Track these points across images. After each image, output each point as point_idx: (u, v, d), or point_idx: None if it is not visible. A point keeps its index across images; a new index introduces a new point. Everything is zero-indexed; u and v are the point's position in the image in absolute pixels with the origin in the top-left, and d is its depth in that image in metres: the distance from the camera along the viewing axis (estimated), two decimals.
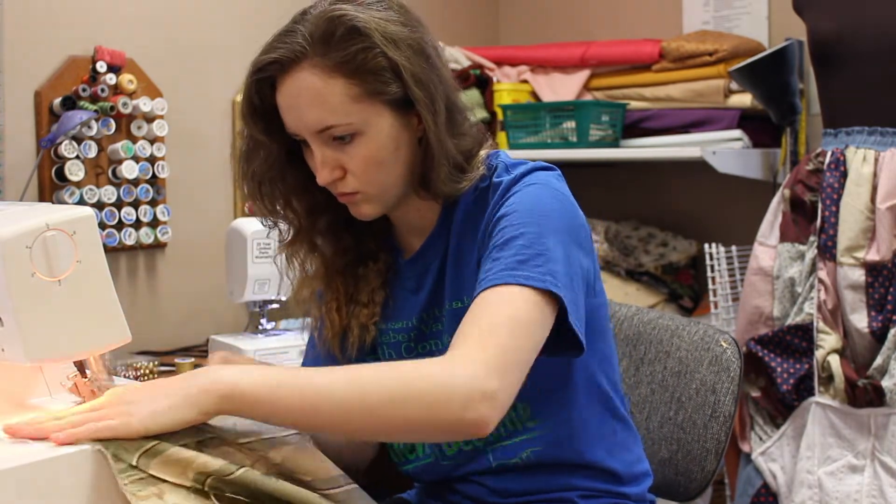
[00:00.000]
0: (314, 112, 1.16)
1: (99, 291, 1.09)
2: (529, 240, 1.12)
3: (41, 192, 2.15)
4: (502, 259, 1.11)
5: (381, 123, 1.18)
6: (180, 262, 2.41)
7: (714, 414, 1.50)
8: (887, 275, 2.03)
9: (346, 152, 1.18)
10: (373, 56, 1.15)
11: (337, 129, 1.17)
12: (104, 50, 2.20)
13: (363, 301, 1.32)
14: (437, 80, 1.19)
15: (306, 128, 1.18)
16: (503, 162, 1.27)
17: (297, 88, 1.17)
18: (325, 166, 1.19)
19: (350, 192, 1.21)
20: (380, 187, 1.21)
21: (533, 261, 1.10)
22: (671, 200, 2.89)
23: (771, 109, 2.42)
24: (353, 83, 1.15)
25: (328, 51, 1.15)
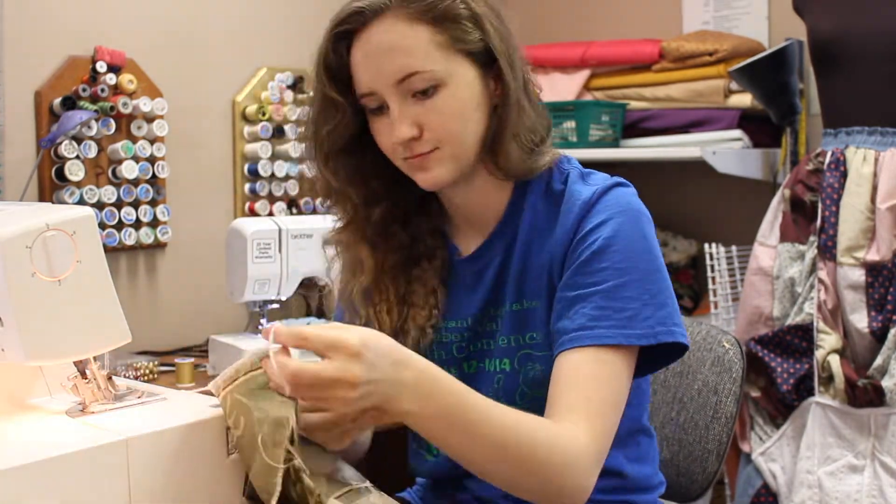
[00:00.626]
0: (398, 59, 1.14)
1: (99, 291, 1.09)
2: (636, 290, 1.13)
3: (41, 192, 2.15)
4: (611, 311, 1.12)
5: (464, 75, 1.16)
6: (180, 262, 2.41)
7: (716, 415, 1.50)
8: (887, 275, 2.03)
9: (426, 106, 1.15)
10: (455, 5, 1.15)
11: (420, 77, 1.14)
12: (104, 50, 2.20)
13: (419, 303, 1.28)
14: (515, 44, 1.20)
15: (387, 77, 1.14)
16: (576, 169, 1.25)
17: (380, 36, 1.14)
18: (403, 121, 1.15)
19: (427, 151, 1.17)
20: (458, 144, 1.17)
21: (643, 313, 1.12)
22: (671, 200, 2.89)
23: (771, 109, 2.42)
24: (436, 30, 1.14)
25: (411, 1, 1.14)
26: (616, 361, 1.11)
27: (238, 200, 2.53)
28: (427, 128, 1.16)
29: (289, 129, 2.53)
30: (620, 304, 1.12)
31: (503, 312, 1.25)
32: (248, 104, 2.51)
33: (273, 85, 2.53)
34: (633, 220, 1.17)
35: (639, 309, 1.12)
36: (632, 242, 1.15)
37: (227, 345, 1.97)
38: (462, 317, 1.28)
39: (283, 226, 2.01)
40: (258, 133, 2.49)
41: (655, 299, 1.13)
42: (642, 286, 1.13)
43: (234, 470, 1.06)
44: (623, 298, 1.12)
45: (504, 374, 1.24)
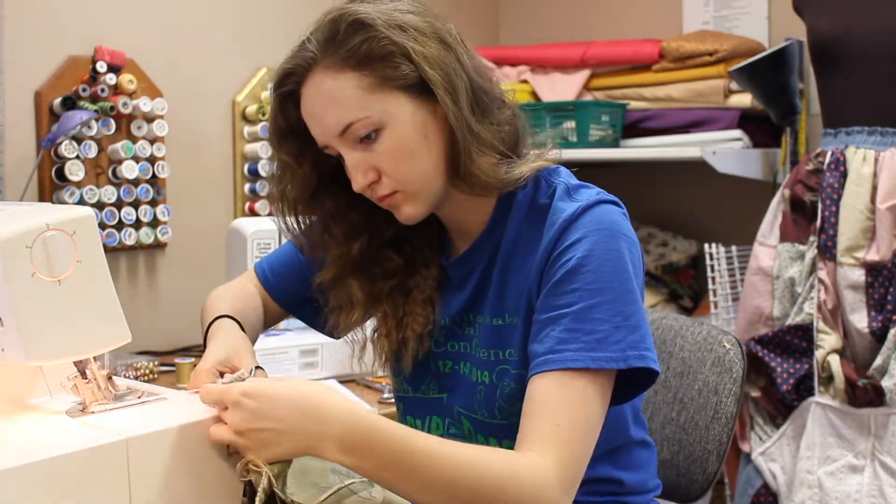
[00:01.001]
0: (332, 113, 1.14)
1: (99, 291, 1.09)
2: (607, 312, 1.10)
3: (41, 192, 2.15)
4: (580, 333, 1.09)
5: (402, 112, 1.14)
6: (180, 262, 2.41)
7: (716, 415, 1.50)
8: (887, 275, 2.03)
9: (375, 150, 1.15)
10: (378, 43, 1.12)
11: (358, 126, 1.14)
12: (104, 50, 2.20)
13: (417, 311, 1.28)
14: (454, 60, 1.15)
15: (330, 132, 1.15)
16: (564, 183, 1.22)
17: (313, 94, 1.16)
18: (358, 170, 1.16)
19: (389, 193, 1.17)
20: (416, 182, 1.17)
21: (613, 336, 1.09)
22: (671, 200, 2.89)
23: (771, 109, 2.42)
24: (363, 74, 1.13)
25: (335, 49, 1.14)
26: (586, 386, 1.08)
27: (238, 200, 2.53)
28: (382, 171, 1.16)
29: None
30: (590, 325, 1.09)
31: (482, 322, 1.24)
32: (248, 104, 2.51)
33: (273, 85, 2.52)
34: (609, 238, 1.13)
35: (609, 331, 1.09)
36: (605, 262, 1.11)
37: None
38: (445, 314, 1.29)
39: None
40: (258, 133, 2.49)
41: (628, 322, 1.10)
42: (614, 308, 1.10)
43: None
44: (593, 320, 1.09)
45: (485, 386, 1.24)
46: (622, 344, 1.09)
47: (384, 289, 1.29)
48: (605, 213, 1.16)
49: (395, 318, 1.29)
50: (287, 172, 1.23)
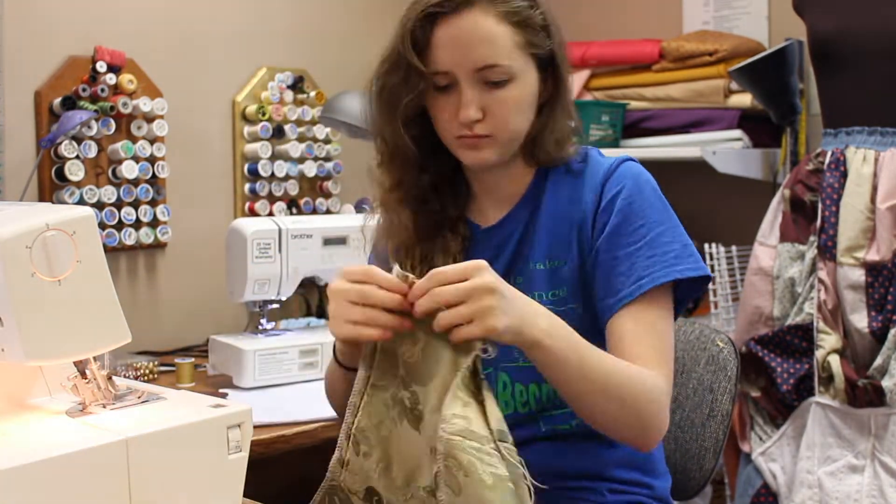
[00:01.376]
0: (483, 49, 1.26)
1: (99, 291, 1.09)
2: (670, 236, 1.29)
3: (41, 192, 2.15)
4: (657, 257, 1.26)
5: (531, 74, 1.30)
6: (180, 262, 2.41)
7: (712, 413, 1.51)
8: (887, 275, 2.03)
9: (494, 96, 1.27)
10: (536, 13, 1.29)
11: (497, 70, 1.26)
12: (104, 50, 2.20)
13: None
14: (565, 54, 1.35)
15: (469, 63, 1.26)
16: (596, 150, 1.40)
17: (469, 26, 1.26)
18: (471, 105, 1.27)
19: (484, 135, 1.29)
20: (512, 133, 1.31)
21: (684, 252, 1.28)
22: (671, 200, 2.87)
23: (771, 109, 2.42)
24: (517, 32, 1.27)
25: (497, 1, 1.26)
26: (667, 301, 1.27)
27: (238, 200, 2.53)
28: (490, 115, 1.28)
29: (289, 129, 2.53)
30: (663, 248, 1.27)
31: (529, 270, 1.34)
32: (248, 104, 2.52)
33: (273, 85, 2.53)
34: (646, 183, 1.33)
35: (680, 249, 1.28)
36: (654, 200, 1.32)
37: (227, 345, 1.97)
38: None
39: (283, 226, 2.01)
40: (258, 133, 2.49)
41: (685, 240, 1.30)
42: (674, 232, 1.29)
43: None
44: (664, 244, 1.27)
45: None
46: (693, 258, 1.28)
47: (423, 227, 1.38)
48: (634, 166, 1.35)
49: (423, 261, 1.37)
50: (416, 81, 1.29)
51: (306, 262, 2.03)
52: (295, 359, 1.98)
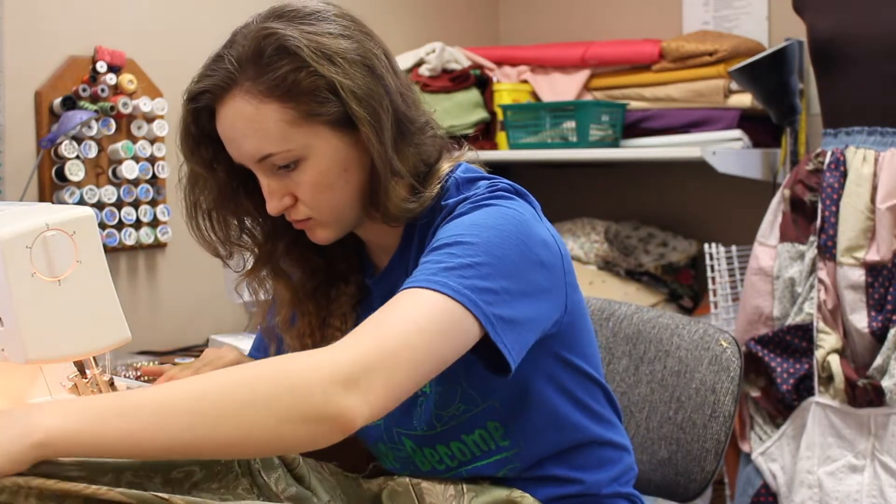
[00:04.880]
0: (251, 141, 1.11)
1: (99, 291, 1.09)
2: (463, 249, 1.04)
3: (41, 192, 2.15)
4: (428, 264, 1.04)
5: (324, 146, 1.12)
6: (180, 262, 2.41)
7: (714, 414, 1.50)
8: (887, 275, 2.03)
9: (293, 179, 1.13)
10: (305, 75, 1.08)
11: (277, 158, 1.11)
12: (104, 50, 2.20)
13: (336, 325, 1.27)
14: (381, 92, 1.12)
15: (247, 158, 1.13)
16: (456, 179, 1.18)
17: (231, 117, 1.12)
18: (273, 196, 1.14)
19: (303, 219, 1.16)
20: (332, 212, 1.16)
21: (459, 270, 1.01)
22: (671, 200, 2.89)
23: (771, 109, 2.42)
24: (287, 107, 1.09)
25: (258, 74, 1.10)
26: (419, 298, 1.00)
27: None
28: (299, 199, 1.14)
29: None
30: (439, 257, 1.04)
31: None
32: None
33: None
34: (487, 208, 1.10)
35: (456, 266, 1.02)
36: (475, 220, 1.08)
37: (227, 345, 1.97)
38: None
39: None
40: None
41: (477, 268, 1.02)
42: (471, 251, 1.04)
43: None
44: (444, 254, 1.04)
45: (425, 397, 1.21)
46: (465, 282, 1.01)
47: (308, 286, 1.27)
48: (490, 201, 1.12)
49: (319, 321, 1.27)
50: (200, 181, 1.19)
51: None
52: None
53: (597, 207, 2.89)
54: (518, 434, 1.22)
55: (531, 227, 1.11)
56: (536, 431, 1.22)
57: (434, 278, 1.01)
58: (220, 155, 1.18)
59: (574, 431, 1.25)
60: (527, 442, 1.22)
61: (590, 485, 1.26)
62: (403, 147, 1.14)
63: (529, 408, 1.21)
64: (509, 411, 1.20)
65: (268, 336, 1.34)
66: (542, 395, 1.21)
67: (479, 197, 1.13)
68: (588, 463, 1.26)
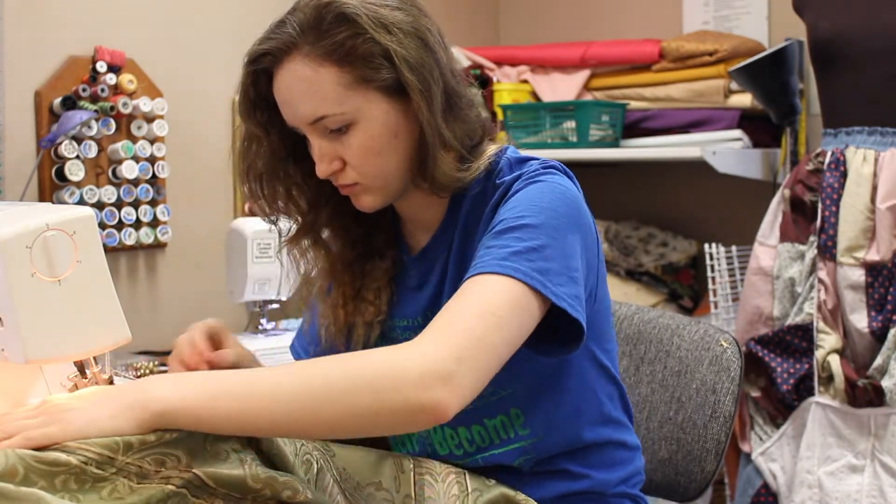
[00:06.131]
0: (307, 103, 1.14)
1: (99, 291, 1.09)
2: (527, 233, 1.07)
3: (41, 192, 2.15)
4: (494, 248, 1.07)
5: (376, 111, 1.15)
6: (180, 262, 2.41)
7: (714, 414, 1.50)
8: (887, 275, 2.03)
9: (343, 143, 1.16)
10: (362, 42, 1.12)
11: (331, 120, 1.14)
12: (104, 50, 2.20)
13: (369, 298, 1.29)
14: (433, 64, 1.15)
15: (301, 120, 1.16)
16: (508, 159, 1.23)
17: (289, 80, 1.15)
18: (324, 159, 1.17)
19: (350, 184, 1.19)
20: (379, 177, 1.18)
21: (526, 254, 1.05)
22: (671, 200, 2.89)
23: (771, 109, 2.42)
24: (344, 71, 1.13)
25: (318, 39, 1.13)
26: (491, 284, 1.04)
27: (238, 200, 2.53)
28: (347, 162, 1.17)
29: None
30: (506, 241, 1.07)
31: None
32: None
33: None
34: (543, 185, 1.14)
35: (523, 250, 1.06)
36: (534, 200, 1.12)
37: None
38: (413, 315, 1.28)
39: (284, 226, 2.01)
40: None
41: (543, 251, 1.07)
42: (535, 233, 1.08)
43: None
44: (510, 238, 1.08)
45: None
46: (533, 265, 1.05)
47: (346, 257, 1.29)
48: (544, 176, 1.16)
49: (353, 291, 1.29)
50: (255, 143, 1.23)
51: None
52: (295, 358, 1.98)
53: (597, 207, 2.85)
54: (538, 424, 1.23)
55: (581, 207, 1.16)
56: (556, 424, 1.24)
57: (505, 263, 1.05)
58: (273, 119, 1.21)
59: (590, 430, 1.26)
60: (546, 432, 1.24)
61: (599, 482, 1.27)
62: (451, 119, 1.18)
63: (552, 398, 1.23)
64: (533, 399, 1.23)
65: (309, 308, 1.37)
66: (567, 387, 1.23)
67: (533, 172, 1.17)
68: (601, 462, 1.28)
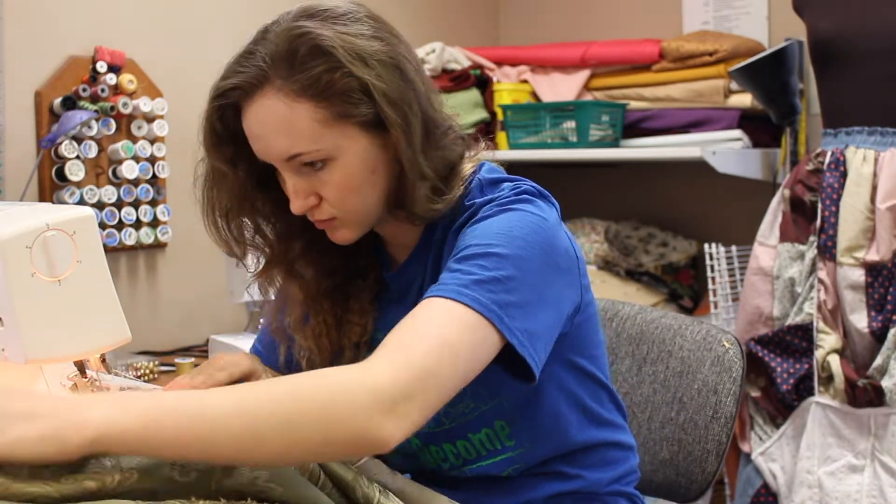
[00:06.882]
0: (281, 140, 1.10)
1: (99, 291, 1.09)
2: (493, 262, 1.04)
3: (41, 192, 2.15)
4: (458, 273, 1.04)
5: (354, 147, 1.11)
6: (180, 262, 2.41)
7: (715, 415, 1.50)
8: (887, 275, 2.03)
9: (319, 178, 1.12)
10: (340, 76, 1.07)
11: (306, 157, 1.10)
12: (104, 50, 2.20)
13: (354, 320, 1.27)
14: (412, 95, 1.12)
15: (275, 156, 1.12)
16: (480, 180, 1.19)
17: (262, 115, 1.10)
18: (298, 195, 1.13)
19: (327, 219, 1.16)
20: (356, 212, 1.15)
21: (489, 284, 1.02)
22: (671, 200, 2.89)
23: (771, 109, 2.42)
24: (320, 106, 1.08)
25: (291, 73, 1.08)
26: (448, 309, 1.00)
27: None
28: (324, 198, 1.14)
29: None
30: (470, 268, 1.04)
31: None
32: None
33: None
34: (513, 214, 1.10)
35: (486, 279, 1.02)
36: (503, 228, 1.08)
37: (227, 345, 1.97)
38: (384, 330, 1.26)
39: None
40: None
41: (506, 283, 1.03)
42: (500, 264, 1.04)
43: None
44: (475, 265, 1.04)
45: None
46: (493, 297, 1.01)
47: (323, 286, 1.26)
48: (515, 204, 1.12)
49: (335, 318, 1.27)
50: (219, 179, 1.19)
51: None
52: None
53: (597, 207, 2.89)
54: (524, 435, 1.23)
55: (554, 234, 1.11)
56: (542, 433, 1.23)
57: (465, 291, 1.01)
58: (241, 153, 1.17)
59: (578, 434, 1.25)
60: (532, 443, 1.23)
61: (591, 482, 1.27)
62: (430, 150, 1.14)
63: (536, 410, 1.22)
64: (517, 411, 1.21)
65: (279, 336, 1.32)
66: (549, 397, 1.22)
67: (505, 199, 1.13)
68: (593, 462, 1.27)
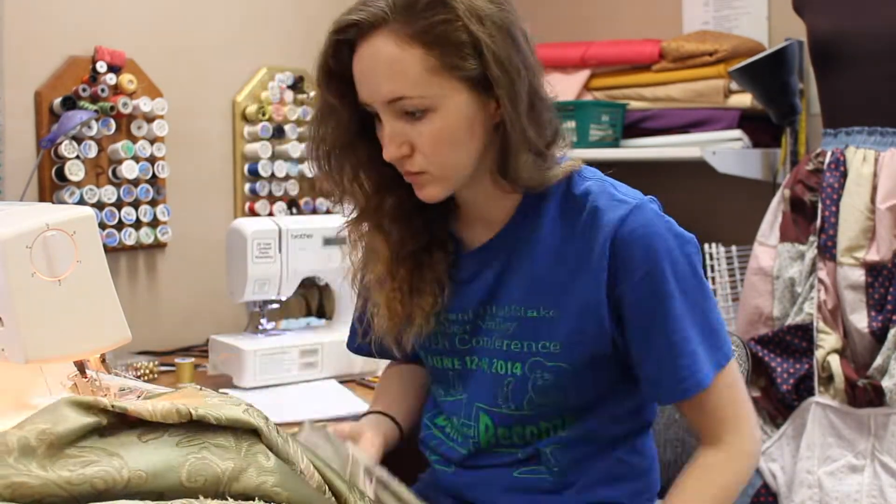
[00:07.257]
0: (388, 81, 1.12)
1: (99, 291, 1.09)
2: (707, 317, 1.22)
3: (41, 192, 2.15)
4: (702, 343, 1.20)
5: (456, 100, 1.13)
6: (180, 262, 2.41)
7: None
8: (887, 275, 2.03)
9: (416, 128, 1.13)
10: (454, 28, 1.10)
11: (409, 102, 1.12)
12: (104, 50, 2.20)
13: (426, 290, 1.27)
14: (521, 64, 1.14)
15: (378, 97, 1.13)
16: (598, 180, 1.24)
17: (373, 54, 1.12)
18: (393, 141, 1.14)
19: (416, 172, 1.16)
20: (448, 169, 1.16)
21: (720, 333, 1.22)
22: (671, 200, 2.87)
23: (771, 109, 2.42)
24: (431, 55, 1.10)
25: (410, 19, 1.10)
26: (728, 376, 1.23)
27: (238, 200, 2.53)
28: (417, 148, 1.15)
29: (289, 129, 2.53)
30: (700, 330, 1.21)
31: (513, 315, 1.23)
32: (248, 104, 2.51)
33: (273, 85, 2.52)
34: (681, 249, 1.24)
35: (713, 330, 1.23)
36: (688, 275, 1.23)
37: (227, 345, 1.97)
38: (463, 309, 1.28)
39: (284, 226, 2.01)
40: (258, 133, 2.49)
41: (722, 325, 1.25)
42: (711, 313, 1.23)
43: None
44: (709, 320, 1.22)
45: (514, 378, 1.23)
46: (727, 342, 1.24)
47: (405, 249, 1.27)
48: (654, 216, 1.22)
49: (409, 286, 1.27)
50: (327, 114, 1.20)
51: (306, 262, 2.03)
52: (295, 359, 1.98)
53: None
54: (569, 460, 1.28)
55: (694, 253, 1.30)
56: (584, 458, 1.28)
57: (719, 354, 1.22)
58: (349, 93, 1.17)
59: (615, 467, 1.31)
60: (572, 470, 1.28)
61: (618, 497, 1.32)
62: (533, 120, 1.16)
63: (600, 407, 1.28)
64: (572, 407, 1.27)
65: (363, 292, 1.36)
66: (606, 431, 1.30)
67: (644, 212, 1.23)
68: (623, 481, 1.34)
